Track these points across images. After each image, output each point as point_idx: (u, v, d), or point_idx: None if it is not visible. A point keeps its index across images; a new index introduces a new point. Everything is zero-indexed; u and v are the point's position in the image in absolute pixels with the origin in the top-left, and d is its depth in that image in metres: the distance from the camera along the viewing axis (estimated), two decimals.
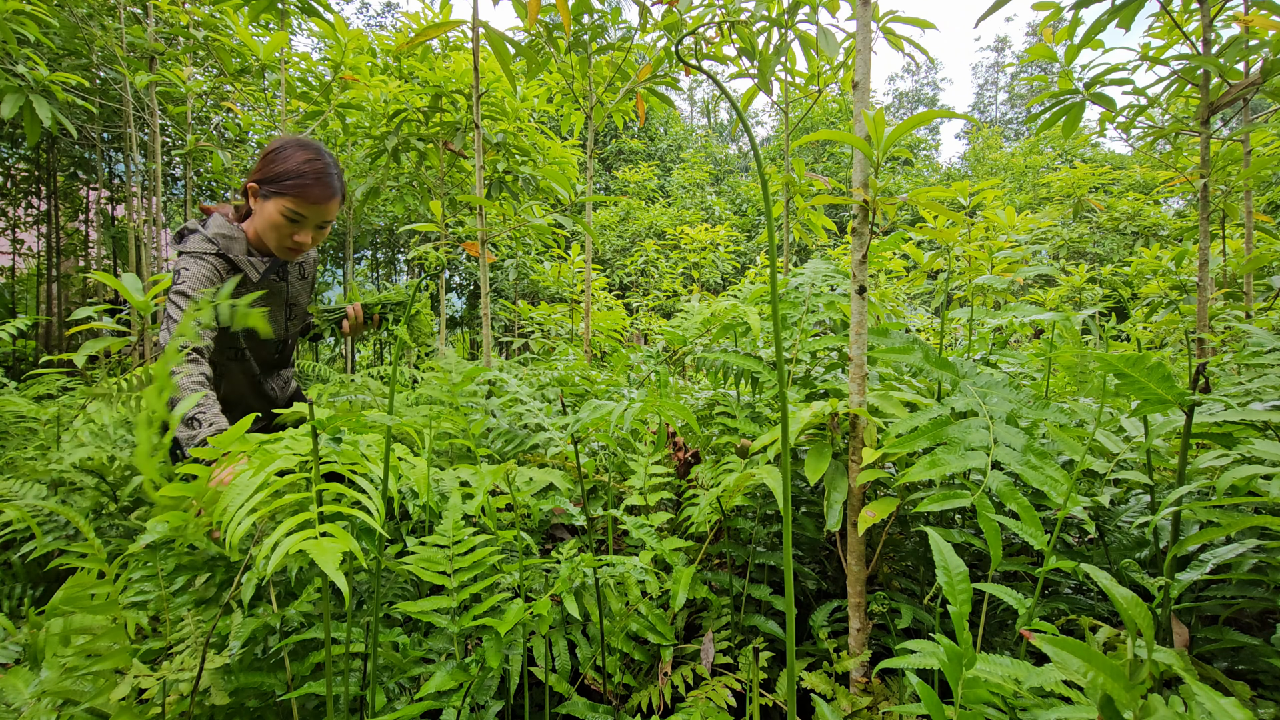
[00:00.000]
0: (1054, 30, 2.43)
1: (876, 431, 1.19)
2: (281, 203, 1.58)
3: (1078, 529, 1.46)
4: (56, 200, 8.47)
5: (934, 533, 0.94)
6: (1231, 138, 2.71)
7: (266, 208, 1.59)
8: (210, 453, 0.84)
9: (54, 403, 2.34)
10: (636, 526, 1.24)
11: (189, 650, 0.88)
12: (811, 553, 1.60)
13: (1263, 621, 1.30)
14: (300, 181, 1.57)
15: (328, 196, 1.60)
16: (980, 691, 0.79)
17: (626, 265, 8.95)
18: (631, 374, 2.15)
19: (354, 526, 0.89)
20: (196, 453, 0.85)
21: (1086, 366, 2.01)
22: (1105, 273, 5.49)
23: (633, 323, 6.50)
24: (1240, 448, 1.04)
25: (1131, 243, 8.15)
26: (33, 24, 3.16)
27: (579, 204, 3.54)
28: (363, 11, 33.81)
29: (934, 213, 1.89)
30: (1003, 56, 44.35)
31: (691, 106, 36.45)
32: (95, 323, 1.92)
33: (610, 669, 1.20)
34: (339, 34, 3.39)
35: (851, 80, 1.43)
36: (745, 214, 17.37)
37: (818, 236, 2.94)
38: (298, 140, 1.62)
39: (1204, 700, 0.65)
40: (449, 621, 1.11)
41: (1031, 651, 1.25)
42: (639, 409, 1.11)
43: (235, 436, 0.82)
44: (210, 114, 6.04)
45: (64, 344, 8.63)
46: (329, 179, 1.60)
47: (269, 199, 1.59)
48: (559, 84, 3.43)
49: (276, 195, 1.58)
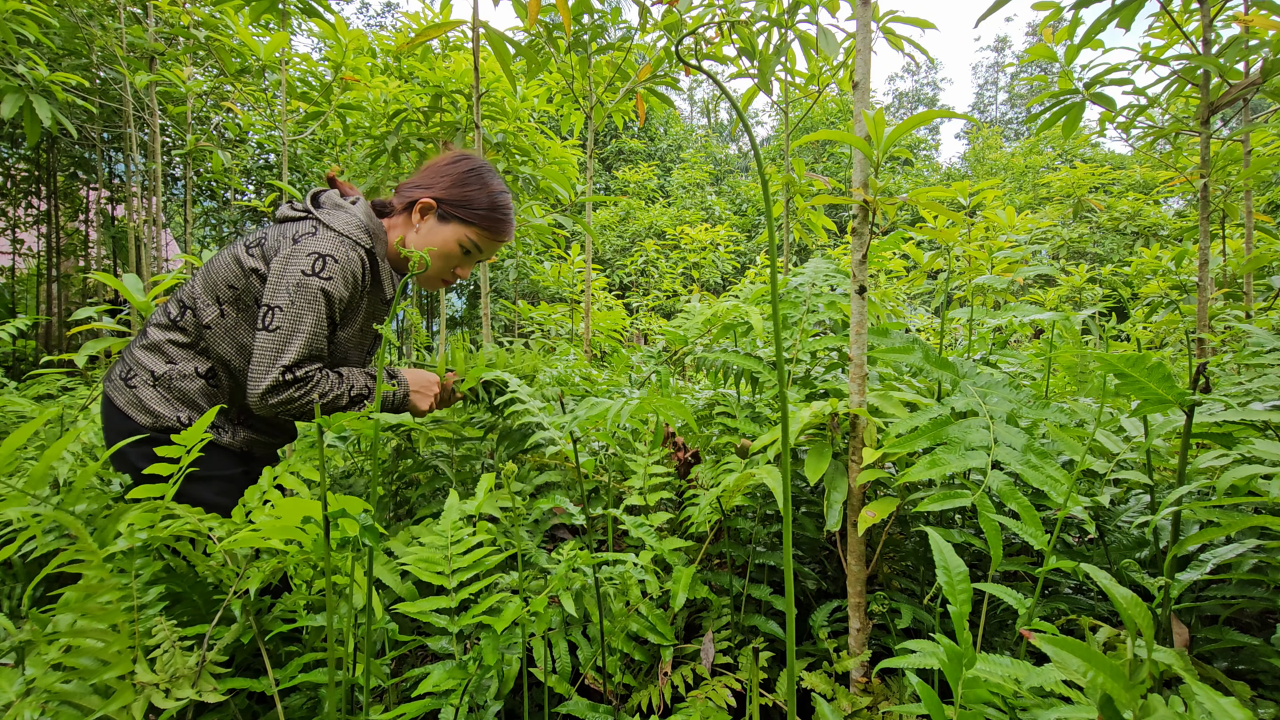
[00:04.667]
0: (1054, 30, 2.43)
1: (876, 431, 1.19)
2: (464, 232, 1.42)
3: (1078, 529, 1.46)
4: (56, 200, 8.47)
5: (934, 533, 0.94)
6: (1231, 138, 2.71)
7: (442, 232, 1.42)
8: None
9: (55, 403, 2.34)
10: (636, 526, 1.23)
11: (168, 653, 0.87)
12: (811, 553, 1.60)
13: (1263, 621, 1.30)
14: (493, 215, 1.43)
15: (509, 236, 1.47)
16: (980, 691, 0.79)
17: (626, 265, 8.95)
18: (632, 374, 2.15)
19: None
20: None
21: (1086, 366, 2.01)
22: (1105, 273, 5.48)
23: (633, 323, 6.50)
24: (1240, 448, 1.04)
25: (1131, 243, 8.15)
26: (33, 24, 3.16)
27: (579, 204, 3.54)
28: (363, 11, 33.82)
29: (934, 213, 1.89)
30: (1003, 56, 44.35)
31: (691, 106, 36.45)
32: (95, 323, 1.92)
33: (610, 669, 1.20)
34: (339, 34, 3.39)
35: (851, 80, 1.43)
36: (745, 214, 17.38)
37: (818, 236, 2.94)
38: (488, 166, 1.47)
39: (1204, 700, 0.65)
40: (448, 621, 1.11)
41: (1031, 651, 1.25)
42: (636, 407, 1.11)
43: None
44: (210, 114, 6.04)
45: (64, 344, 8.63)
46: (513, 218, 1.48)
47: (448, 222, 1.42)
48: (559, 84, 3.43)
49: (461, 222, 1.42)
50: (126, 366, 1.35)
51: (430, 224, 1.43)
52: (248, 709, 1.14)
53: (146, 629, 0.87)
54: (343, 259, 1.31)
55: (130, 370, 1.34)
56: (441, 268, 1.45)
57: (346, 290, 1.33)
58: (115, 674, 0.83)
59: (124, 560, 0.89)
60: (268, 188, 9.50)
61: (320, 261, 1.29)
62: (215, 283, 1.35)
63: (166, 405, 1.32)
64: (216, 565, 1.02)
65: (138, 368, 1.34)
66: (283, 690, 1.03)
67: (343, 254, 1.32)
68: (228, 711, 1.04)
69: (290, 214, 1.40)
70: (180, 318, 1.36)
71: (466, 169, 1.45)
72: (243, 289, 1.34)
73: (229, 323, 1.35)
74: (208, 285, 1.36)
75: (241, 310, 1.35)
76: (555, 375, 1.89)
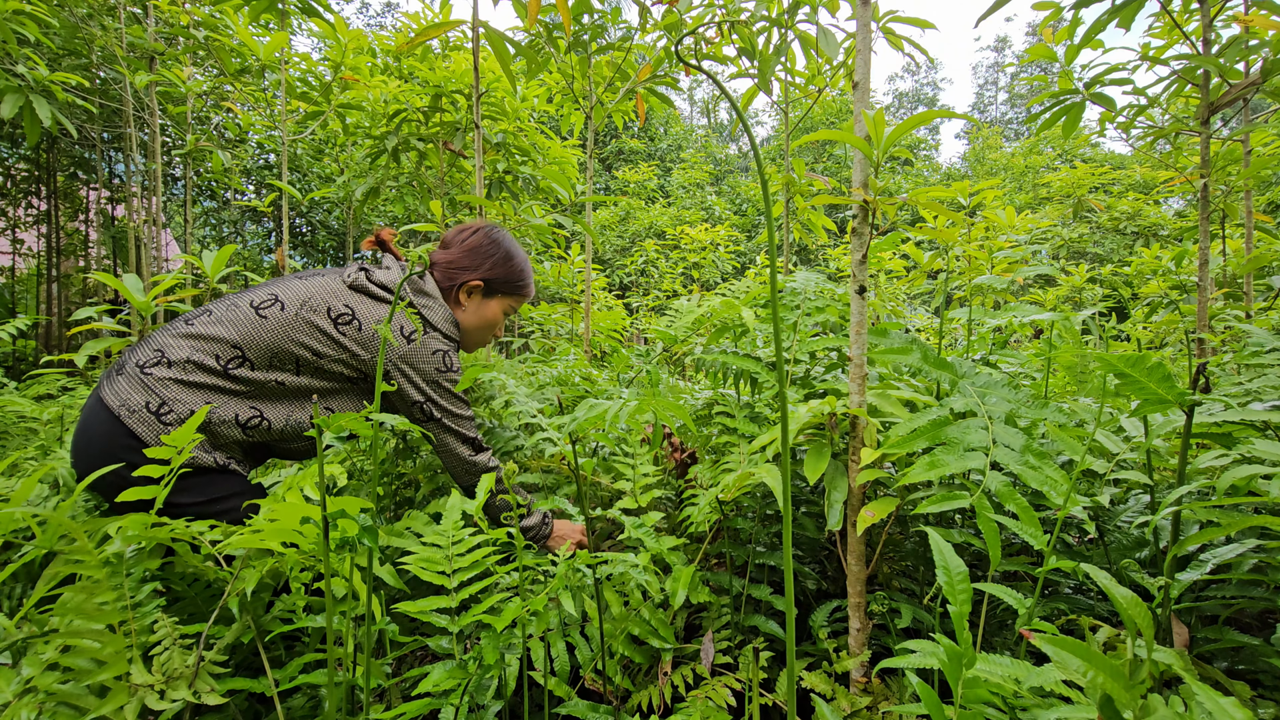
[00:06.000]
0: (1054, 30, 2.43)
1: (876, 431, 1.19)
2: (508, 302, 1.62)
3: (1077, 529, 1.46)
4: (56, 200, 8.47)
5: (934, 533, 0.94)
6: (1231, 138, 2.71)
7: (490, 306, 1.60)
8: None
9: (55, 403, 2.34)
10: (635, 526, 1.23)
11: (168, 652, 0.87)
12: (811, 553, 1.59)
13: (1263, 621, 1.30)
14: (527, 285, 1.65)
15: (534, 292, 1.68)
16: (980, 691, 0.79)
17: (626, 265, 8.95)
18: (621, 374, 2.15)
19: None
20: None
21: (1086, 366, 2.01)
22: (1105, 273, 5.48)
23: (633, 323, 6.50)
24: (1240, 448, 1.04)
25: (1131, 243, 8.15)
26: (33, 24, 3.16)
27: (579, 204, 3.54)
28: (363, 11, 33.83)
29: (934, 213, 1.89)
30: (1003, 56, 44.35)
31: (691, 106, 36.45)
32: (95, 323, 1.92)
33: (610, 672, 1.20)
34: (339, 34, 3.39)
35: (852, 80, 1.43)
36: (745, 214, 17.38)
37: (818, 236, 2.94)
38: (512, 239, 1.65)
39: (1204, 700, 0.65)
40: (448, 621, 1.11)
41: (1031, 651, 1.25)
42: (634, 407, 1.11)
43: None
44: (210, 114, 6.04)
45: (64, 344, 8.63)
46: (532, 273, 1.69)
47: (493, 297, 1.60)
48: (559, 84, 3.43)
49: (504, 295, 1.61)
50: (159, 399, 1.24)
51: (478, 302, 1.59)
52: (248, 709, 1.14)
53: (143, 628, 0.87)
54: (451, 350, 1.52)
55: (165, 405, 1.24)
56: (487, 337, 1.64)
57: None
58: (111, 674, 0.83)
59: (119, 565, 0.89)
60: (268, 188, 9.50)
61: (445, 359, 1.48)
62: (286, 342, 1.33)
63: (204, 449, 1.27)
64: (212, 567, 1.02)
65: (175, 404, 1.24)
66: (284, 691, 1.03)
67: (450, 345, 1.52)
68: (227, 712, 1.04)
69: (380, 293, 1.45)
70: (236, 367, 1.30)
71: (506, 251, 1.61)
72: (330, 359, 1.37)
73: (301, 383, 1.36)
74: (277, 340, 1.32)
75: (314, 375, 1.38)
76: (555, 375, 1.89)
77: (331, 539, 0.84)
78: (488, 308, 1.60)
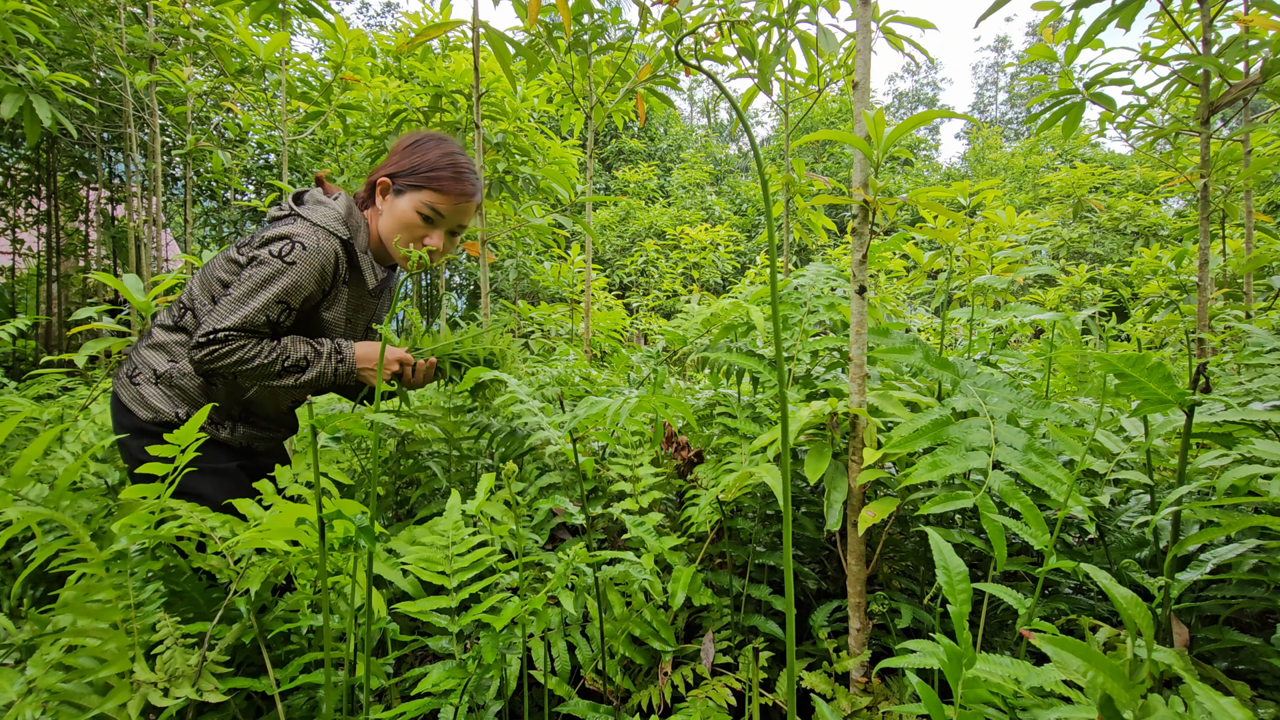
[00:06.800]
0: (1054, 30, 2.43)
1: (877, 431, 1.19)
2: (418, 197, 1.43)
3: (1078, 529, 1.46)
4: (56, 200, 8.47)
5: (934, 533, 0.94)
6: (1231, 138, 2.71)
7: (399, 204, 1.44)
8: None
9: (55, 403, 2.34)
10: (635, 525, 1.23)
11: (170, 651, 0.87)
12: (811, 553, 1.59)
13: (1263, 621, 1.30)
14: (440, 174, 1.43)
15: (468, 195, 1.46)
16: (980, 691, 0.79)
17: (626, 265, 8.95)
18: (631, 374, 2.15)
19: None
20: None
21: (1086, 366, 2.01)
22: (1105, 273, 5.49)
23: (633, 323, 6.50)
24: (1240, 448, 1.04)
25: (1131, 243, 8.15)
26: (33, 24, 3.16)
27: (579, 204, 3.54)
28: (363, 11, 33.82)
29: (934, 213, 1.89)
30: (1003, 56, 44.35)
31: (691, 106, 36.45)
32: (95, 323, 1.92)
33: (610, 673, 1.20)
34: (339, 34, 3.39)
35: (852, 80, 1.43)
36: (745, 214, 17.38)
37: (818, 236, 2.94)
38: (437, 135, 1.49)
39: (1204, 700, 0.65)
40: (449, 621, 1.11)
41: (1031, 651, 1.25)
42: (635, 405, 1.11)
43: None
44: (210, 114, 6.04)
45: (64, 344, 8.63)
46: (471, 177, 1.48)
47: (403, 194, 1.44)
48: (559, 84, 3.43)
49: (413, 189, 1.43)
50: (133, 365, 1.41)
51: (389, 201, 1.45)
52: (248, 708, 1.14)
53: (146, 626, 0.87)
54: (312, 246, 1.32)
55: (135, 368, 1.40)
56: (406, 239, 1.44)
57: (312, 278, 1.33)
58: (113, 672, 0.83)
59: (122, 563, 0.89)
60: (268, 188, 9.50)
61: (288, 245, 1.31)
62: (209, 280, 1.40)
63: (166, 401, 1.37)
64: (218, 563, 1.02)
65: (142, 365, 1.40)
66: (285, 690, 1.03)
67: (313, 242, 1.33)
68: (228, 711, 1.04)
69: (277, 213, 1.44)
70: (181, 318, 1.42)
71: (413, 140, 1.47)
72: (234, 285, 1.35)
73: None
74: (204, 284, 1.41)
75: None
76: (555, 375, 1.89)
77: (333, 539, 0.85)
78: (397, 206, 1.44)
